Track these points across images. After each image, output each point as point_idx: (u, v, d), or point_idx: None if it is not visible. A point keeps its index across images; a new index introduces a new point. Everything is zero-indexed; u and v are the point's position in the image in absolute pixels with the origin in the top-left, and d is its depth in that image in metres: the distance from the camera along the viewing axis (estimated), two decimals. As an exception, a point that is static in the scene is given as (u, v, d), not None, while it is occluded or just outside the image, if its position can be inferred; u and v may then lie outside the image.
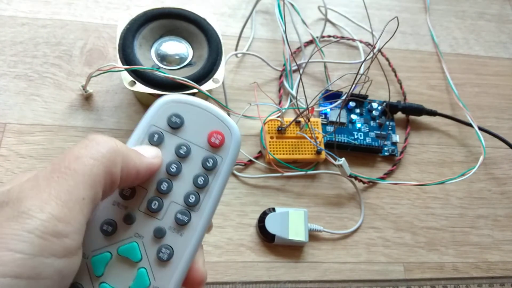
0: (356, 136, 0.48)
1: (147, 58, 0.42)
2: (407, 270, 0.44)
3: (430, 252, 0.45)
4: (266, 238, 0.42)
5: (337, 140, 0.47)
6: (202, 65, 0.42)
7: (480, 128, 0.49)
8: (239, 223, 0.43)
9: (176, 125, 0.24)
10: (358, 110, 0.50)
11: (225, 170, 0.24)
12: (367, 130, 0.49)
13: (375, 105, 0.50)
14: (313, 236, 0.44)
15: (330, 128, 0.48)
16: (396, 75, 0.54)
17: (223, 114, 0.24)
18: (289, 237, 0.41)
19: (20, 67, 0.46)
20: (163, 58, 0.43)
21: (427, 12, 0.60)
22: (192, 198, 0.23)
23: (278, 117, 0.46)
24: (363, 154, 0.49)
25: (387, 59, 0.55)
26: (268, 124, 0.46)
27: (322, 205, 0.45)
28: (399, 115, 0.51)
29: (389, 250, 0.45)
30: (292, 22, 0.54)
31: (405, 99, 0.53)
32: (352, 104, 0.50)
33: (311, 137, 0.45)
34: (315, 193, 0.46)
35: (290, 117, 0.47)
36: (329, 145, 0.47)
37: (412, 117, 0.52)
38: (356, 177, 0.46)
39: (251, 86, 0.50)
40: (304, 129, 0.46)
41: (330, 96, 0.50)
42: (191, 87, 0.40)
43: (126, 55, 0.41)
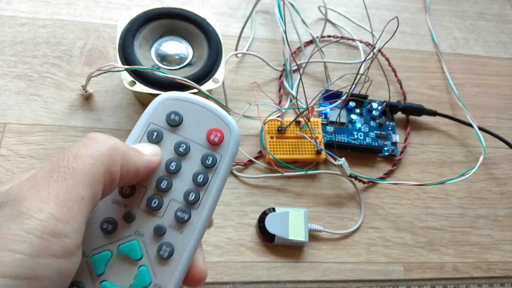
0: (356, 136, 0.48)
1: (147, 58, 0.42)
2: (407, 270, 0.44)
3: (430, 252, 0.45)
4: (266, 238, 0.42)
5: (337, 140, 0.47)
6: (202, 65, 0.42)
7: (480, 128, 0.49)
8: (239, 223, 0.43)
9: (175, 122, 0.24)
10: (358, 110, 0.50)
11: (224, 168, 0.24)
12: (367, 130, 0.49)
13: (375, 105, 0.50)
14: (313, 236, 0.44)
15: (330, 128, 0.48)
16: (396, 75, 0.54)
17: (222, 111, 0.24)
18: (289, 237, 0.41)
19: (20, 67, 0.46)
20: (163, 58, 0.43)
21: (427, 12, 0.60)
22: (192, 195, 0.23)
23: (278, 117, 0.46)
24: (363, 154, 0.49)
25: (387, 59, 0.55)
26: (268, 124, 0.46)
27: (322, 205, 0.45)
28: (399, 115, 0.51)
29: (389, 250, 0.45)
30: (292, 22, 0.54)
31: (405, 99, 0.53)
32: (352, 104, 0.50)
33: (311, 137, 0.45)
34: (315, 193, 0.46)
35: (290, 117, 0.47)
36: (329, 145, 0.47)
37: (412, 117, 0.52)
38: (356, 177, 0.46)
39: (251, 86, 0.50)
40: (304, 129, 0.46)
41: (330, 96, 0.50)
42: (191, 87, 0.40)
43: (126, 55, 0.41)
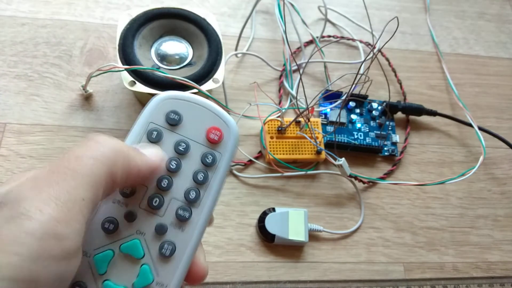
0: (356, 136, 0.48)
1: (147, 58, 0.42)
2: (407, 270, 0.44)
3: (430, 252, 0.45)
4: (266, 238, 0.42)
5: (337, 140, 0.47)
6: (202, 65, 0.42)
7: (480, 128, 0.49)
8: (239, 223, 0.43)
9: (174, 121, 0.24)
10: (358, 110, 0.50)
11: (224, 166, 0.24)
12: (367, 130, 0.49)
13: (375, 105, 0.50)
14: (313, 236, 0.44)
15: (330, 128, 0.48)
16: (396, 75, 0.54)
17: (221, 110, 0.25)
18: (289, 237, 0.41)
19: (20, 67, 0.46)
20: (163, 58, 0.43)
21: (427, 12, 0.60)
22: (193, 194, 0.23)
23: (278, 117, 0.46)
24: (363, 154, 0.49)
25: (387, 59, 0.55)
26: (268, 124, 0.46)
27: (322, 205, 0.45)
28: (399, 115, 0.51)
29: (389, 250, 0.45)
30: (292, 22, 0.54)
31: (405, 99, 0.53)
32: (352, 104, 0.50)
33: (311, 137, 0.45)
34: (315, 193, 0.46)
35: (290, 117, 0.47)
36: (329, 145, 0.47)
37: (412, 117, 0.52)
38: (356, 177, 0.46)
39: (251, 86, 0.50)
40: (304, 129, 0.46)
41: (330, 96, 0.50)
42: (191, 87, 0.40)
43: (126, 55, 0.41)
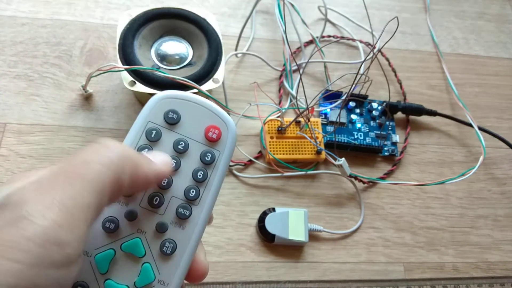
0: (356, 136, 0.48)
1: (147, 58, 0.42)
2: (407, 270, 0.44)
3: (430, 252, 0.45)
4: (266, 238, 0.42)
5: (337, 140, 0.47)
6: (202, 65, 0.42)
7: (480, 128, 0.49)
8: (239, 223, 0.43)
9: (173, 121, 0.24)
10: (358, 110, 0.50)
11: (223, 164, 0.24)
12: (367, 130, 0.49)
13: (375, 105, 0.50)
14: (313, 236, 0.44)
15: (330, 128, 0.48)
16: (396, 75, 0.54)
17: (219, 109, 0.25)
18: (289, 237, 0.41)
19: (20, 67, 0.46)
20: (163, 58, 0.43)
21: (427, 12, 0.60)
22: (193, 192, 0.23)
23: (278, 117, 0.46)
24: (363, 154, 0.49)
25: (387, 59, 0.55)
26: (268, 124, 0.46)
27: (322, 205, 0.45)
28: (399, 115, 0.51)
29: (389, 250, 0.45)
30: (292, 22, 0.54)
31: (405, 99, 0.53)
32: (352, 104, 0.50)
33: (311, 137, 0.45)
34: (315, 193, 0.46)
35: (290, 117, 0.47)
36: (329, 145, 0.47)
37: (412, 117, 0.52)
38: (356, 177, 0.46)
39: (251, 86, 0.50)
40: (304, 129, 0.46)
41: (330, 96, 0.50)
42: (191, 87, 0.40)
43: (126, 55, 0.41)
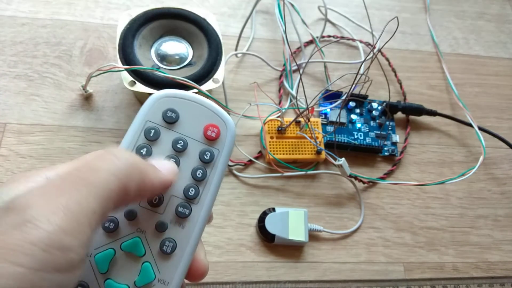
0: (356, 136, 0.48)
1: (147, 58, 0.42)
2: (407, 270, 0.44)
3: (430, 252, 0.45)
4: (266, 238, 0.42)
5: (337, 140, 0.47)
6: (202, 65, 0.42)
7: (480, 128, 0.49)
8: (239, 223, 0.43)
9: (171, 120, 0.24)
10: (358, 110, 0.50)
11: (222, 162, 0.24)
12: (367, 130, 0.49)
13: (375, 105, 0.50)
14: (313, 236, 0.44)
15: (330, 128, 0.48)
16: (396, 75, 0.54)
17: (217, 107, 0.25)
18: (289, 237, 0.41)
19: (20, 67, 0.46)
20: (163, 58, 0.43)
21: (427, 12, 0.60)
22: (192, 191, 0.23)
23: (278, 117, 0.46)
24: (363, 154, 0.49)
25: (387, 59, 0.55)
26: (268, 124, 0.46)
27: (322, 205, 0.45)
28: (399, 115, 0.51)
29: (389, 250, 0.45)
30: (292, 22, 0.54)
31: (405, 99, 0.53)
32: (352, 104, 0.50)
33: (311, 137, 0.45)
34: (315, 193, 0.46)
35: (290, 117, 0.47)
36: (329, 145, 0.47)
37: (412, 117, 0.52)
38: (356, 177, 0.46)
39: (251, 86, 0.50)
40: (304, 129, 0.46)
41: (330, 96, 0.50)
42: (191, 87, 0.40)
43: (126, 55, 0.41)
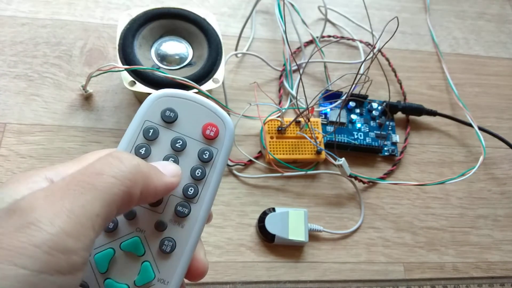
0: (356, 136, 0.48)
1: (147, 58, 0.42)
2: (407, 270, 0.44)
3: (430, 252, 0.45)
4: (266, 238, 0.42)
5: (337, 140, 0.47)
6: (202, 65, 0.42)
7: (480, 128, 0.49)
8: (239, 223, 0.43)
9: (170, 119, 0.24)
10: (358, 110, 0.50)
11: (221, 161, 0.24)
12: (367, 130, 0.49)
13: (375, 105, 0.50)
14: (313, 236, 0.44)
15: (330, 128, 0.48)
16: (396, 75, 0.54)
17: (216, 106, 0.25)
18: (289, 237, 0.41)
19: (20, 67, 0.46)
20: (163, 58, 0.43)
21: (427, 12, 0.60)
22: (191, 190, 0.23)
23: (278, 117, 0.46)
24: (363, 154, 0.49)
25: (387, 59, 0.55)
26: (268, 124, 0.46)
27: (322, 205, 0.45)
28: (399, 115, 0.51)
29: (389, 250, 0.45)
30: (292, 22, 0.54)
31: (405, 99, 0.53)
32: (352, 104, 0.50)
33: (311, 137, 0.45)
34: (315, 193, 0.46)
35: (290, 117, 0.47)
36: (329, 145, 0.47)
37: (412, 117, 0.52)
38: (356, 177, 0.46)
39: (251, 86, 0.50)
40: (304, 129, 0.46)
41: (330, 96, 0.50)
42: (191, 87, 0.40)
43: (126, 55, 0.41)
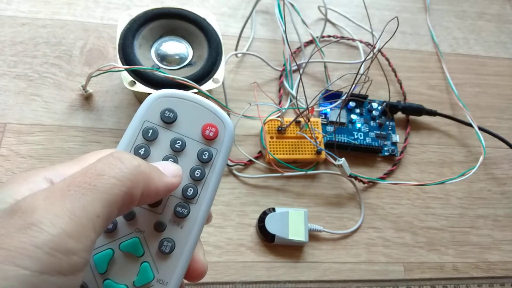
0: (356, 136, 0.48)
1: (147, 58, 0.42)
2: (407, 270, 0.44)
3: (430, 252, 0.45)
4: (266, 238, 0.42)
5: (337, 140, 0.47)
6: (202, 65, 0.42)
7: (480, 128, 0.49)
8: (239, 223, 0.43)
9: (169, 119, 0.24)
10: (358, 110, 0.50)
11: (220, 162, 0.24)
12: (367, 130, 0.49)
13: (375, 105, 0.50)
14: (313, 236, 0.44)
15: (330, 128, 0.48)
16: (396, 75, 0.54)
17: (215, 107, 0.25)
18: (289, 237, 0.41)
19: (20, 67, 0.46)
20: (163, 58, 0.43)
21: (427, 12, 0.60)
22: (190, 191, 0.23)
23: (278, 117, 0.46)
24: (363, 154, 0.49)
25: (387, 59, 0.55)
26: (268, 124, 0.46)
27: (322, 205, 0.45)
28: (399, 115, 0.51)
29: (389, 250, 0.45)
30: (292, 22, 0.54)
31: (405, 99, 0.53)
32: (352, 104, 0.50)
33: (311, 137, 0.45)
34: (315, 193, 0.46)
35: (290, 117, 0.47)
36: (329, 145, 0.47)
37: (412, 117, 0.52)
38: (356, 177, 0.46)
39: (251, 86, 0.50)
40: (304, 129, 0.46)
41: (330, 96, 0.50)
42: (191, 87, 0.40)
43: (126, 55, 0.41)
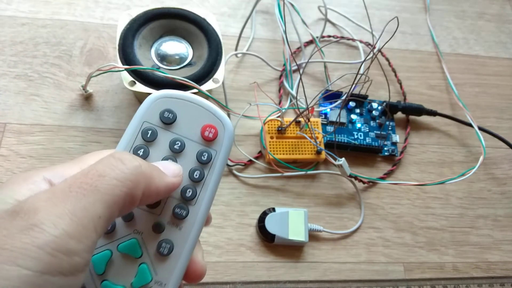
0: (356, 136, 0.48)
1: (147, 58, 0.42)
2: (407, 270, 0.44)
3: (430, 252, 0.45)
4: (266, 238, 0.42)
5: (337, 140, 0.47)
6: (202, 65, 0.42)
7: (480, 128, 0.49)
8: (239, 223, 0.43)
9: (169, 120, 0.24)
10: (358, 110, 0.50)
11: (220, 163, 0.24)
12: (367, 130, 0.49)
13: (375, 105, 0.50)
14: (313, 236, 0.44)
15: (330, 128, 0.48)
16: (396, 75, 0.54)
17: (215, 107, 0.25)
18: (289, 237, 0.41)
19: (20, 67, 0.46)
20: (163, 58, 0.43)
21: (427, 12, 0.60)
22: (189, 192, 0.23)
23: (278, 117, 0.46)
24: (363, 154, 0.49)
25: (387, 59, 0.55)
26: (268, 124, 0.46)
27: (322, 205, 0.45)
28: (399, 115, 0.51)
29: (389, 250, 0.45)
30: (292, 22, 0.54)
31: (405, 99, 0.53)
32: (352, 104, 0.50)
33: (311, 137, 0.45)
34: (315, 193, 0.46)
35: (290, 117, 0.47)
36: (329, 145, 0.47)
37: (412, 117, 0.52)
38: (356, 177, 0.46)
39: (251, 86, 0.50)
40: (304, 129, 0.46)
41: (330, 96, 0.50)
42: (191, 87, 0.40)
43: (126, 55, 0.41)
